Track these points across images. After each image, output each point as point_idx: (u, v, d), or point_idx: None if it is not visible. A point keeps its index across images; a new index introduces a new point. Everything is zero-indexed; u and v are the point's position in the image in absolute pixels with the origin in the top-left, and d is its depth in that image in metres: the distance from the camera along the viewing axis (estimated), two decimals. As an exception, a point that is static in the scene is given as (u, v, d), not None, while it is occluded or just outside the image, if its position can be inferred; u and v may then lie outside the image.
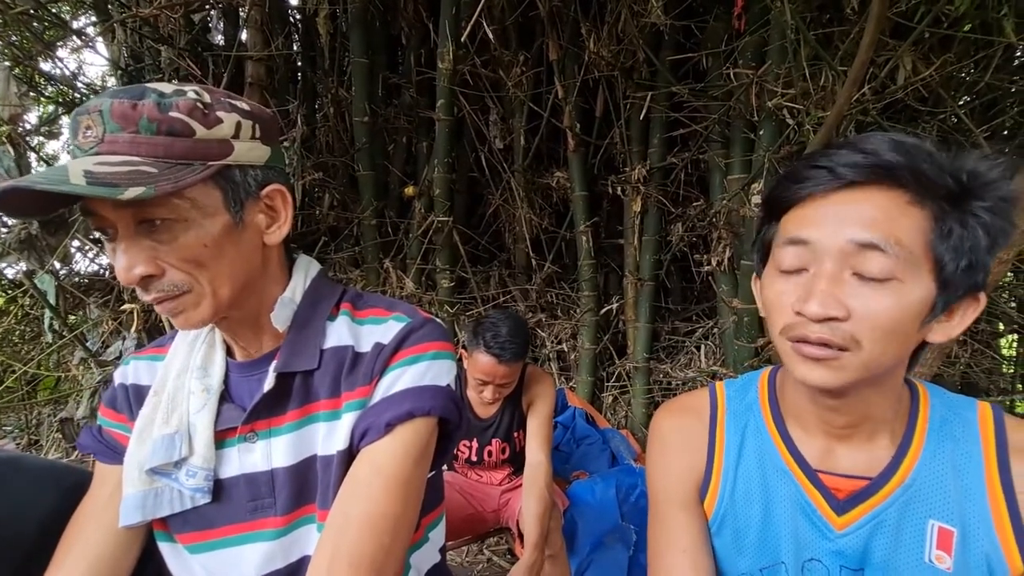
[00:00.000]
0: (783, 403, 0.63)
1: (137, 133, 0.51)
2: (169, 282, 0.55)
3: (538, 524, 1.28)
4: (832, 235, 0.51)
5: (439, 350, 0.65)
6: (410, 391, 0.62)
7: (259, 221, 0.60)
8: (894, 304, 0.49)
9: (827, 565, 0.57)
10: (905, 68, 1.88)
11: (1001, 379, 2.68)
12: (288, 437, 0.62)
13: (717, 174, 2.42)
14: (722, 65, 2.29)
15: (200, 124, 0.53)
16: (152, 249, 0.53)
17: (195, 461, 0.62)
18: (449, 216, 2.56)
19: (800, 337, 0.51)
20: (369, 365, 0.63)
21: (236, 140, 0.56)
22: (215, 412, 0.63)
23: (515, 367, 1.39)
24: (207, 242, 0.55)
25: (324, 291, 0.68)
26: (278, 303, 0.63)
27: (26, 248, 2.06)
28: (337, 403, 0.63)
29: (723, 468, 0.64)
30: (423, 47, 2.87)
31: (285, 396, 0.63)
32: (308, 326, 0.65)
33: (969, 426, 0.56)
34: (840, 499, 0.57)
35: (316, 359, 0.63)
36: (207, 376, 0.65)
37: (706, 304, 2.89)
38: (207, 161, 0.54)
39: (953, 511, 0.53)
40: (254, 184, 0.59)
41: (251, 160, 0.58)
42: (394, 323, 0.65)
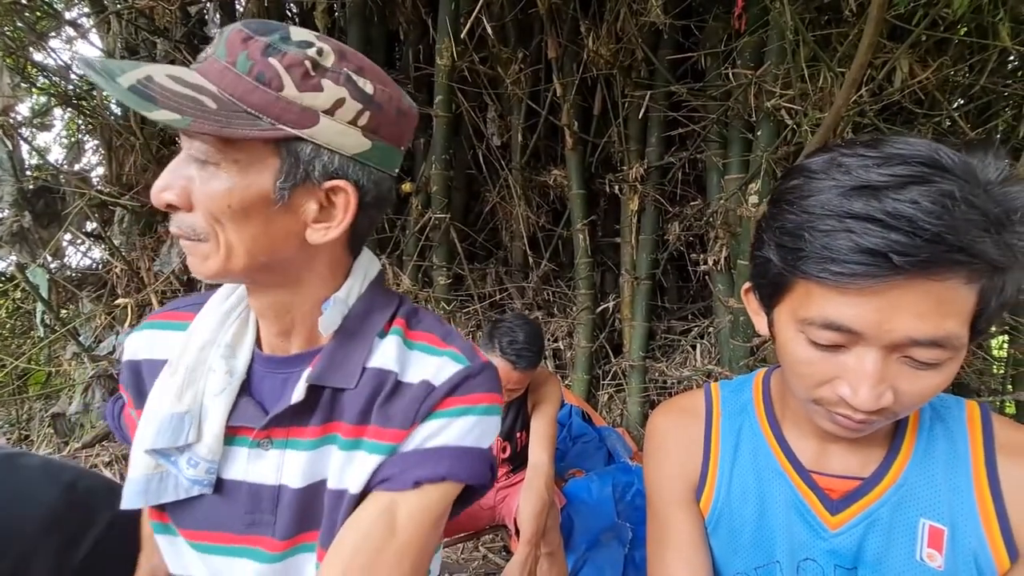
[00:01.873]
0: (777, 405, 0.64)
1: (232, 66, 0.47)
2: (191, 223, 0.50)
3: (534, 521, 1.28)
4: (884, 330, 0.44)
5: (491, 404, 0.58)
6: (450, 451, 0.55)
7: (307, 211, 0.52)
8: (940, 382, 0.47)
9: (822, 565, 0.58)
10: (902, 70, 1.89)
11: (992, 380, 2.71)
12: (306, 454, 0.56)
13: (714, 174, 2.43)
14: (721, 65, 2.30)
15: (294, 83, 0.47)
16: (190, 181, 0.49)
17: (200, 450, 0.55)
18: (446, 213, 2.56)
19: (840, 413, 0.49)
20: (412, 405, 0.55)
21: (328, 116, 0.49)
22: (232, 401, 0.56)
23: (528, 374, 1.40)
24: (232, 202, 0.49)
25: (379, 300, 0.60)
26: (331, 302, 0.56)
27: (18, 241, 2.04)
28: (360, 432, 0.56)
29: (718, 468, 0.64)
30: (421, 43, 2.87)
31: (310, 409, 0.56)
32: (356, 338, 0.57)
33: (957, 425, 0.56)
34: (834, 499, 0.57)
35: (356, 378, 0.55)
36: (234, 357, 0.58)
37: (702, 303, 2.90)
38: (278, 123, 0.48)
39: (943, 510, 0.53)
40: (320, 170, 0.51)
41: (335, 145, 0.50)
42: (450, 362, 0.57)
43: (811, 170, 0.47)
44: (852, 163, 0.45)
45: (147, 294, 2.32)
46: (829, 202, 0.44)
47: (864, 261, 0.42)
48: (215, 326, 0.59)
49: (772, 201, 0.52)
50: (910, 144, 0.44)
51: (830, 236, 0.44)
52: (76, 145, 2.91)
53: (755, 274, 0.55)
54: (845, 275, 0.43)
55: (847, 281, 0.43)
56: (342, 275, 0.58)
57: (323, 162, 0.50)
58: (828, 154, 0.47)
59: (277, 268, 0.54)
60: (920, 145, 0.44)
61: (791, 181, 0.49)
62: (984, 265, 0.42)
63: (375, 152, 0.53)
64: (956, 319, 0.44)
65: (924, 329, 0.43)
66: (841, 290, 0.44)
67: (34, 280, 2.13)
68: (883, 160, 0.43)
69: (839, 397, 0.48)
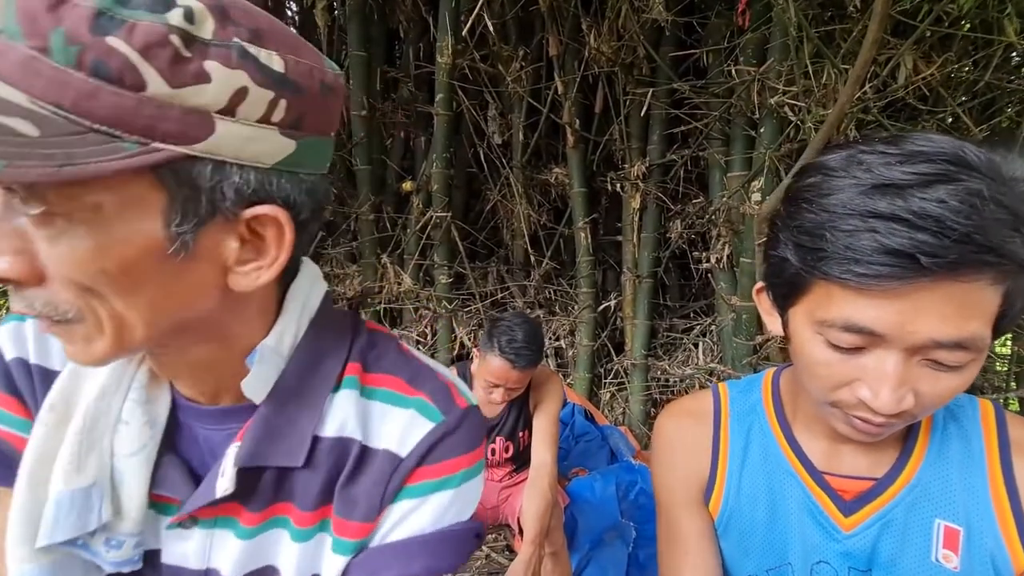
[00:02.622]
0: (787, 405, 0.63)
1: (43, 53, 0.29)
2: (46, 302, 0.34)
3: (538, 521, 1.28)
4: (907, 332, 0.43)
5: (471, 466, 0.46)
6: (424, 540, 0.44)
7: (226, 252, 0.37)
8: (961, 383, 0.46)
9: (835, 567, 0.57)
10: (906, 67, 1.88)
11: (995, 377, 2.71)
12: (240, 543, 0.44)
13: (717, 171, 2.42)
14: (723, 62, 2.29)
15: (160, 74, 0.30)
16: (26, 240, 0.33)
17: (122, 527, 0.42)
18: (447, 212, 2.55)
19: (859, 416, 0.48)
20: (377, 487, 0.43)
21: (226, 118, 0.33)
22: (153, 461, 0.43)
23: (528, 373, 1.39)
24: (106, 265, 0.33)
25: (328, 341, 0.46)
26: (256, 357, 0.41)
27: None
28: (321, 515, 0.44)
29: (727, 470, 0.63)
30: (422, 41, 2.85)
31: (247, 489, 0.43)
32: (300, 399, 0.43)
33: (971, 424, 0.56)
34: (847, 500, 0.56)
35: (303, 454, 0.42)
36: (151, 403, 0.44)
37: (704, 301, 2.89)
38: (152, 140, 0.31)
39: (959, 510, 0.53)
40: (233, 196, 0.35)
41: (246, 156, 0.34)
42: (418, 418, 0.45)
43: (829, 167, 0.46)
44: (873, 160, 0.43)
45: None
46: (851, 201, 0.43)
47: (889, 262, 0.40)
48: (117, 364, 0.43)
49: (788, 199, 0.50)
50: (933, 141, 0.42)
51: (853, 236, 0.42)
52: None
53: (770, 274, 0.53)
54: (870, 276, 0.41)
55: (872, 283, 0.41)
56: (276, 305, 0.44)
57: (234, 184, 0.35)
58: (847, 151, 0.46)
59: (194, 327, 0.39)
60: (943, 142, 0.42)
61: (808, 179, 0.47)
62: (1012, 265, 0.41)
63: (303, 153, 0.38)
64: (980, 320, 0.42)
65: (947, 331, 0.42)
66: (863, 292, 0.43)
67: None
68: (906, 158, 0.42)
69: (858, 400, 0.46)
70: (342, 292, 2.69)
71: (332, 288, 2.68)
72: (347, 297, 2.70)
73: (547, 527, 1.30)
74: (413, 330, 2.69)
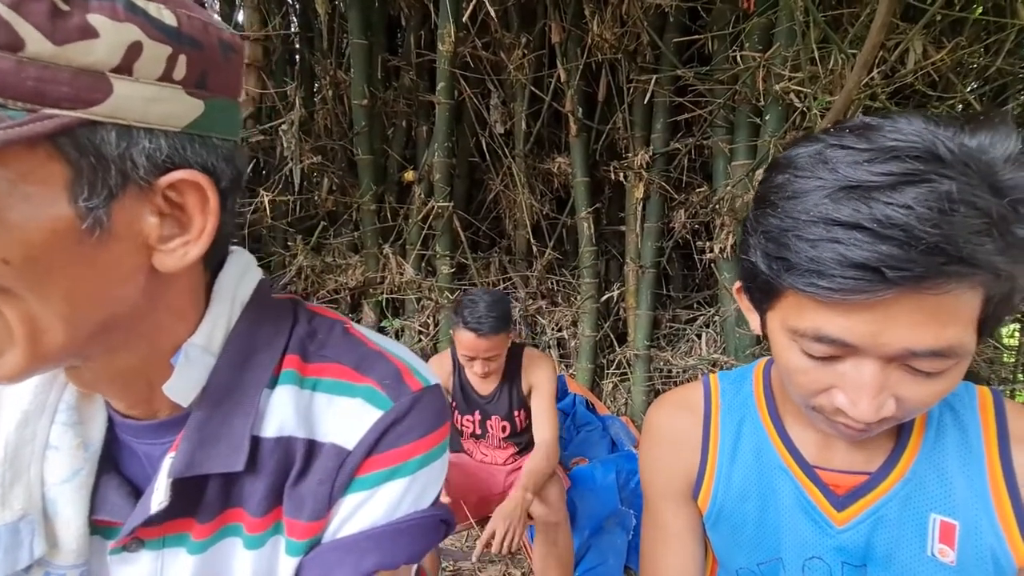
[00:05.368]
0: (779, 397, 0.62)
1: None
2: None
3: (533, 475, 1.34)
4: (880, 343, 0.41)
5: (429, 450, 0.43)
6: (376, 534, 0.41)
7: (145, 228, 0.34)
8: (946, 386, 0.44)
9: (828, 562, 0.56)
10: (915, 52, 1.84)
11: (1003, 368, 2.68)
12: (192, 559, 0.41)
13: (721, 160, 2.39)
14: (728, 48, 2.25)
15: (40, 30, 0.28)
16: None
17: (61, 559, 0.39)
18: (449, 201, 2.54)
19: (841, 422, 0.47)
20: (324, 483, 0.41)
21: (123, 77, 0.30)
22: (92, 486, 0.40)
23: (496, 339, 1.43)
24: (11, 254, 0.29)
25: (262, 334, 0.42)
26: (180, 357, 0.38)
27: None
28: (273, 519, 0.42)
29: (717, 463, 0.63)
30: (423, 28, 2.83)
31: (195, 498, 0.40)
32: (233, 400, 0.40)
33: (969, 414, 0.54)
34: (839, 495, 0.56)
35: (243, 455, 0.39)
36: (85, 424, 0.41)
37: (707, 292, 2.87)
38: (41, 106, 0.28)
39: (955, 504, 0.52)
40: (146, 164, 0.32)
41: (152, 119, 0.32)
42: (364, 408, 0.42)
43: (796, 166, 0.43)
44: (839, 157, 0.40)
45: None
46: (815, 207, 0.40)
47: (854, 275, 0.38)
48: (39, 386, 0.40)
49: (756, 199, 0.48)
50: (904, 133, 0.39)
51: (816, 247, 0.40)
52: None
53: (743, 276, 0.51)
54: (834, 290, 0.39)
55: (837, 296, 0.39)
56: (205, 294, 0.41)
57: (144, 150, 0.32)
58: (815, 145, 0.43)
59: (119, 325, 0.35)
60: (916, 135, 0.39)
61: (775, 177, 0.45)
62: (985, 274, 0.39)
63: (214, 116, 0.35)
64: (958, 327, 0.40)
65: (923, 340, 0.40)
66: (831, 305, 0.41)
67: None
68: (874, 155, 0.39)
69: (837, 407, 0.45)
70: (344, 282, 2.69)
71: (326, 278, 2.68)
72: (349, 287, 2.71)
73: (540, 483, 1.35)
74: (415, 320, 2.69)
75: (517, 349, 1.60)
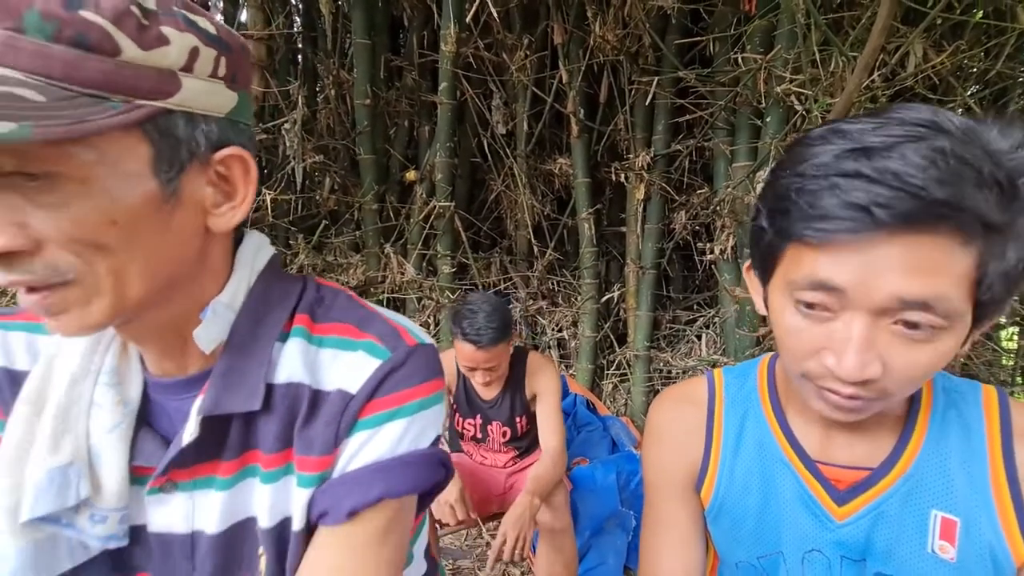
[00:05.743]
0: (782, 392, 0.62)
1: (19, 33, 0.32)
2: (46, 264, 0.36)
3: (540, 480, 1.33)
4: (870, 288, 0.43)
5: (425, 396, 0.49)
6: (381, 466, 0.46)
7: (203, 196, 0.42)
8: (934, 354, 0.44)
9: (828, 556, 0.57)
10: (916, 55, 1.85)
11: (1001, 371, 2.69)
12: (219, 495, 0.46)
13: (722, 161, 2.39)
14: (730, 50, 2.26)
15: (132, 40, 0.35)
16: (18, 210, 0.35)
17: (104, 502, 0.44)
18: (451, 201, 2.54)
19: (828, 387, 0.48)
20: (331, 423, 0.46)
21: (188, 75, 0.38)
22: (131, 437, 0.46)
23: (496, 350, 1.40)
24: (117, 217, 0.37)
25: (275, 295, 0.49)
26: (208, 311, 0.45)
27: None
28: (283, 458, 0.47)
29: (720, 457, 0.63)
30: (426, 29, 2.83)
31: (217, 442, 0.46)
32: (249, 349, 0.46)
33: (973, 411, 0.55)
34: (840, 490, 0.56)
35: (259, 398, 0.45)
36: (123, 385, 0.47)
37: (708, 293, 2.88)
38: (134, 98, 0.36)
39: (957, 500, 0.52)
40: (205, 143, 0.41)
41: (207, 108, 0.40)
42: (366, 358, 0.47)
43: (811, 138, 0.46)
44: (851, 128, 0.44)
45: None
46: (823, 165, 0.44)
47: (847, 216, 0.42)
48: (85, 352, 0.46)
49: (771, 171, 0.51)
50: (913, 108, 0.43)
51: (816, 195, 0.43)
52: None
53: (751, 246, 0.54)
54: (829, 231, 0.42)
55: (830, 237, 0.43)
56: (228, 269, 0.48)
57: (203, 132, 0.40)
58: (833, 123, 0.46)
59: (177, 280, 0.43)
60: (923, 109, 0.42)
61: (792, 150, 0.49)
62: (975, 223, 0.41)
63: (242, 105, 0.44)
64: (948, 280, 0.42)
65: (912, 288, 0.41)
66: (826, 248, 0.44)
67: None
68: (882, 124, 0.42)
69: (826, 369, 0.46)
70: (345, 281, 2.70)
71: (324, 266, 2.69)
72: (350, 286, 2.71)
73: (547, 489, 1.34)
74: (416, 320, 2.70)
75: (521, 354, 1.56)
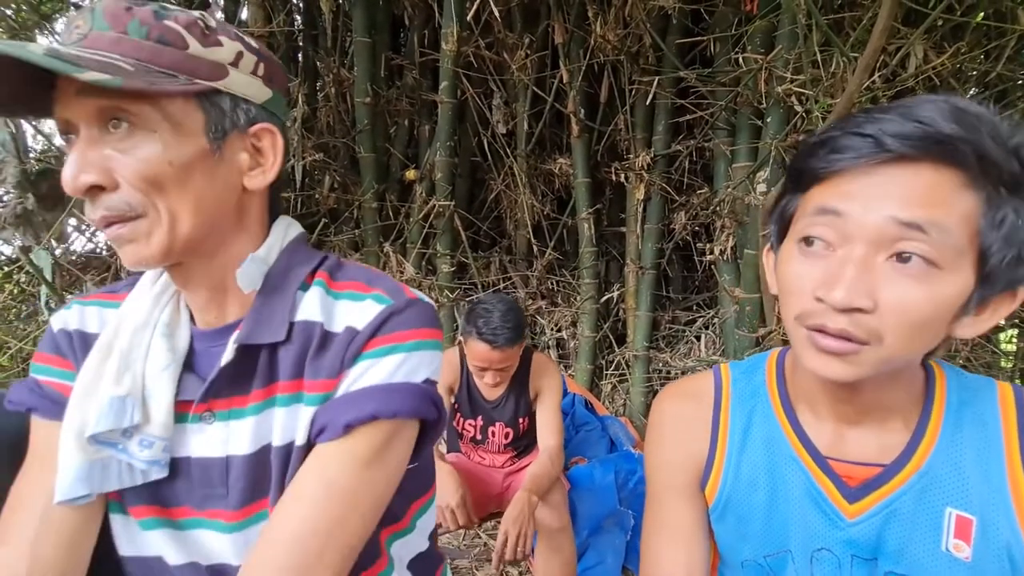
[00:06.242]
0: (792, 387, 0.61)
1: (125, 34, 0.48)
2: (121, 199, 0.49)
3: (537, 478, 1.32)
4: (870, 209, 0.45)
5: (421, 339, 0.57)
6: (377, 389, 0.54)
7: (241, 160, 0.55)
8: (928, 296, 0.44)
9: (837, 555, 0.56)
10: (916, 56, 1.85)
11: (1000, 374, 2.69)
12: (249, 421, 0.56)
13: (722, 162, 2.39)
14: (730, 50, 2.26)
15: (196, 40, 0.50)
16: (108, 159, 0.48)
17: (152, 430, 0.54)
18: (450, 201, 2.54)
19: (818, 327, 0.47)
20: (338, 354, 0.55)
21: (234, 68, 0.53)
22: (177, 378, 0.56)
23: (510, 351, 1.39)
24: (173, 160, 0.49)
25: (300, 256, 0.61)
26: (248, 260, 0.56)
27: (22, 223, 2.04)
28: (296, 386, 0.56)
29: (726, 453, 0.62)
30: (427, 27, 2.83)
31: (248, 373, 0.56)
32: (278, 292, 0.57)
33: (989, 408, 0.54)
34: (852, 487, 0.55)
35: (284, 330, 0.55)
36: (173, 336, 0.57)
37: (707, 294, 2.88)
38: (194, 78, 0.50)
39: (972, 498, 0.51)
40: (244, 118, 0.54)
41: (247, 94, 0.54)
42: (372, 304, 0.57)
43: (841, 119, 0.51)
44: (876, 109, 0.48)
45: (150, 279, 2.32)
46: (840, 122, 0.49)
47: (856, 144, 0.46)
48: (148, 308, 0.58)
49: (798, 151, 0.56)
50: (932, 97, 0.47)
51: (832, 139, 0.48)
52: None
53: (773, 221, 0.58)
54: (837, 160, 0.47)
55: (838, 165, 0.47)
56: (266, 230, 0.60)
57: (243, 110, 0.54)
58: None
59: (217, 227, 0.55)
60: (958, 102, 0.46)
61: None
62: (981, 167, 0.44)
63: (275, 100, 0.58)
64: (946, 212, 0.44)
65: (908, 210, 0.44)
66: (834, 179, 0.48)
67: (38, 263, 2.12)
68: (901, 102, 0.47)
69: (818, 305, 0.47)
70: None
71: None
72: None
73: (545, 487, 1.34)
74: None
75: (526, 354, 1.55)
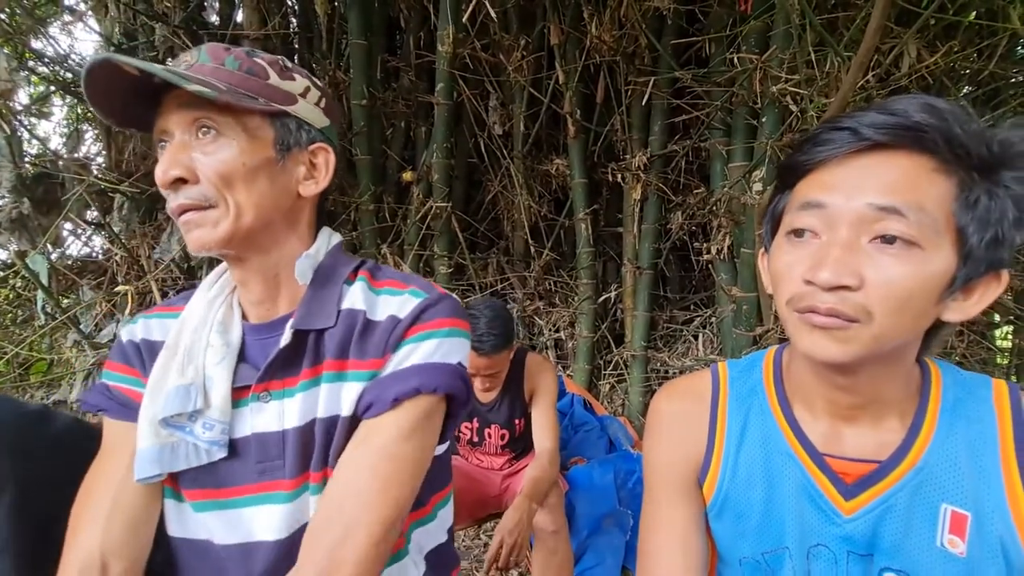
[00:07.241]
0: (788, 384, 0.62)
1: (222, 66, 0.61)
2: (199, 192, 0.60)
3: (535, 483, 1.32)
4: (851, 198, 0.48)
5: (453, 327, 0.66)
6: (419, 367, 0.63)
7: (299, 171, 0.66)
8: (911, 273, 0.47)
9: (834, 551, 0.56)
10: (910, 55, 1.87)
11: (996, 370, 2.70)
12: (299, 397, 0.63)
13: (718, 162, 2.40)
14: (725, 51, 2.27)
15: (276, 74, 0.64)
16: (194, 159, 0.59)
17: (212, 414, 0.63)
18: (447, 202, 2.54)
19: (808, 308, 0.49)
20: (383, 338, 0.64)
21: (302, 98, 0.66)
22: (233, 368, 0.65)
23: (496, 358, 1.40)
24: (246, 161, 0.60)
25: (343, 257, 0.72)
26: (303, 257, 0.66)
27: (17, 228, 2.03)
28: (342, 366, 0.65)
29: (724, 452, 0.63)
30: (422, 29, 2.83)
31: (299, 355, 0.64)
32: (327, 284, 0.67)
33: (984, 405, 0.54)
34: (848, 483, 0.56)
35: (334, 317, 0.65)
36: (227, 332, 0.66)
37: (705, 293, 2.88)
38: (271, 102, 0.62)
39: (967, 495, 0.52)
40: (305, 138, 0.66)
41: (310, 119, 0.66)
42: (410, 297, 0.66)
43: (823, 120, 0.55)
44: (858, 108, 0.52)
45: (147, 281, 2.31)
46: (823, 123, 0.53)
47: (835, 137, 0.50)
48: (204, 310, 0.68)
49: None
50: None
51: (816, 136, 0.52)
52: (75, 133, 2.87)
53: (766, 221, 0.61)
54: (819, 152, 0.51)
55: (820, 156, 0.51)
56: (312, 239, 0.71)
57: (306, 131, 0.66)
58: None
59: (273, 224, 0.65)
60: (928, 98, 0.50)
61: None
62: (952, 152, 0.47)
63: (331, 128, 0.70)
64: (922, 194, 0.47)
65: (886, 196, 0.47)
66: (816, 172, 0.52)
67: (34, 267, 2.11)
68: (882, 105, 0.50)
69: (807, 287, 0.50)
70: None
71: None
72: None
73: (544, 492, 1.34)
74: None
75: (520, 355, 1.54)
